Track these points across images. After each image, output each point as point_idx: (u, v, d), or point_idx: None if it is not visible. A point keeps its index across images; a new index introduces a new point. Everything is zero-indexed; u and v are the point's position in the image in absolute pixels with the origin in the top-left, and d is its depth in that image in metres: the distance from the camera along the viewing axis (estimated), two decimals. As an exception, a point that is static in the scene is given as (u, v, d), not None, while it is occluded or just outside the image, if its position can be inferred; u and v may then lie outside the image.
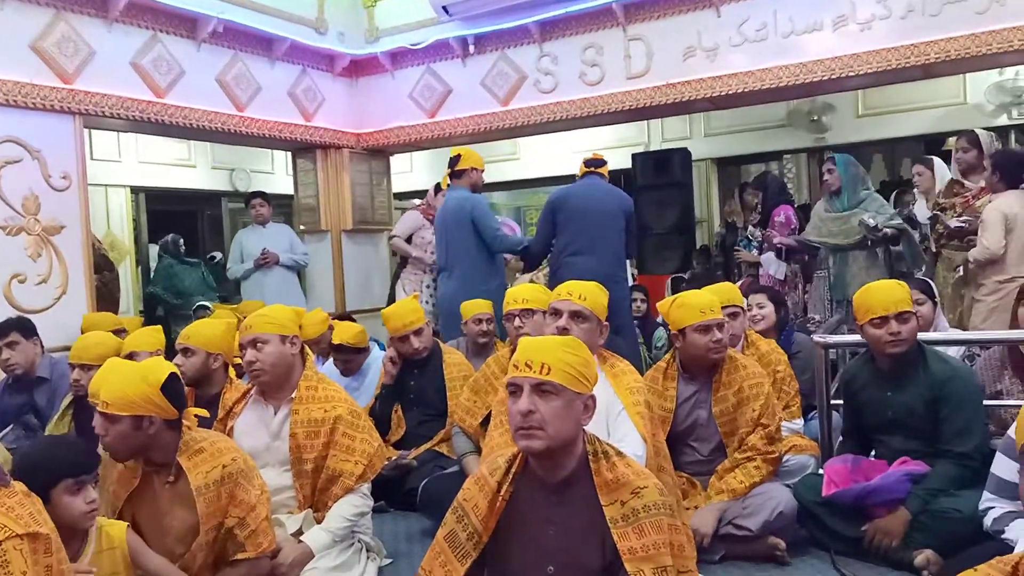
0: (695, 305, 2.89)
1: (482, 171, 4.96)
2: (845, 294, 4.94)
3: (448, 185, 4.98)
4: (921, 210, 5.32)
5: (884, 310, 2.75)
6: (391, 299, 6.06)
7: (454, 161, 4.88)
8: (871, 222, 4.75)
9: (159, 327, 3.81)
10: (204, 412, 2.49)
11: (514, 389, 1.77)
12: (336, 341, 4.09)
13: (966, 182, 4.68)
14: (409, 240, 5.83)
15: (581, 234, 4.40)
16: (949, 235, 4.59)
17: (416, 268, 5.84)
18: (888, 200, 6.91)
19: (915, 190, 5.46)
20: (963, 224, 4.49)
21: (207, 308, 6.04)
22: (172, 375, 2.24)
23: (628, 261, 4.78)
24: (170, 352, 3.21)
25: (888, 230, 4.84)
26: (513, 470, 1.83)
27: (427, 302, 5.62)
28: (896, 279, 3.34)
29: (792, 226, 5.55)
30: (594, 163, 4.72)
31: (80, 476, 1.98)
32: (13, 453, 2.98)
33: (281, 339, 2.68)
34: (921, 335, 2.95)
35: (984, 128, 5.09)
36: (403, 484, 3.46)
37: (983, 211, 4.41)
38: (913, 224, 5.31)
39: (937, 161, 5.22)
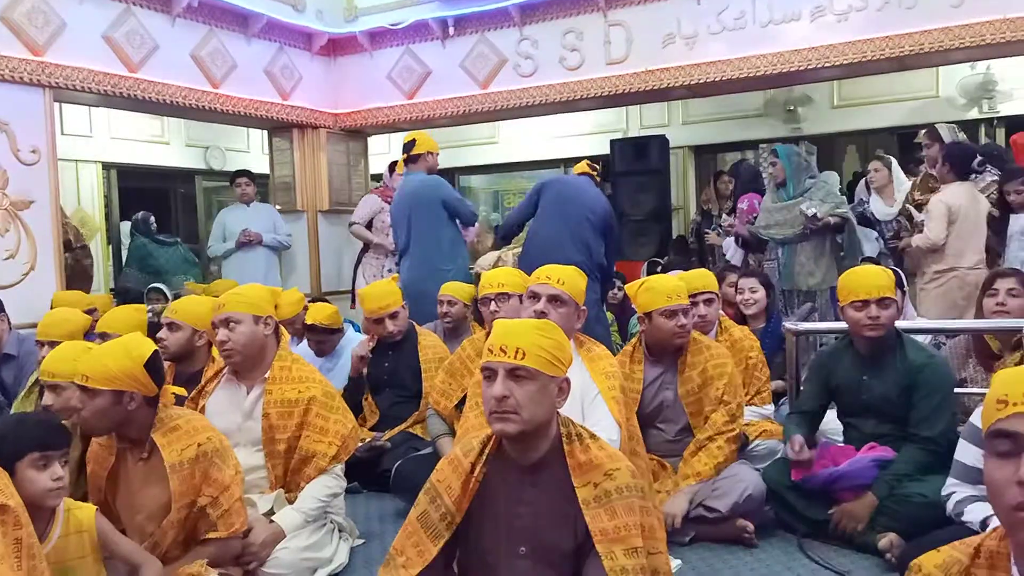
0: (662, 290, 2.93)
1: (437, 155, 4.94)
2: (793, 284, 5.00)
3: (404, 171, 4.95)
4: (877, 206, 5.39)
5: (866, 294, 2.78)
6: (353, 284, 6.03)
7: (409, 146, 4.85)
8: (809, 211, 4.78)
9: (142, 306, 3.76)
10: (181, 391, 2.48)
11: (489, 373, 1.77)
12: (309, 321, 4.07)
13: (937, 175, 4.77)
14: (369, 225, 5.80)
15: (560, 219, 4.38)
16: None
17: (377, 253, 5.80)
18: (851, 190, 7.04)
19: (871, 186, 5.51)
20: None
21: (160, 290, 5.95)
22: (156, 352, 2.24)
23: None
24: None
25: (831, 219, 4.84)
26: (487, 452, 1.84)
27: None
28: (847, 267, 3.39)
29: (755, 214, 5.59)
30: (594, 168, 4.81)
31: (46, 451, 1.94)
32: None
33: (255, 319, 2.66)
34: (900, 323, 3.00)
35: (955, 121, 5.18)
36: (377, 465, 3.47)
37: (929, 202, 4.53)
38: (868, 222, 5.38)
39: (894, 162, 5.33)
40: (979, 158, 4.84)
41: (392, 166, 5.78)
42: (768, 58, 5.01)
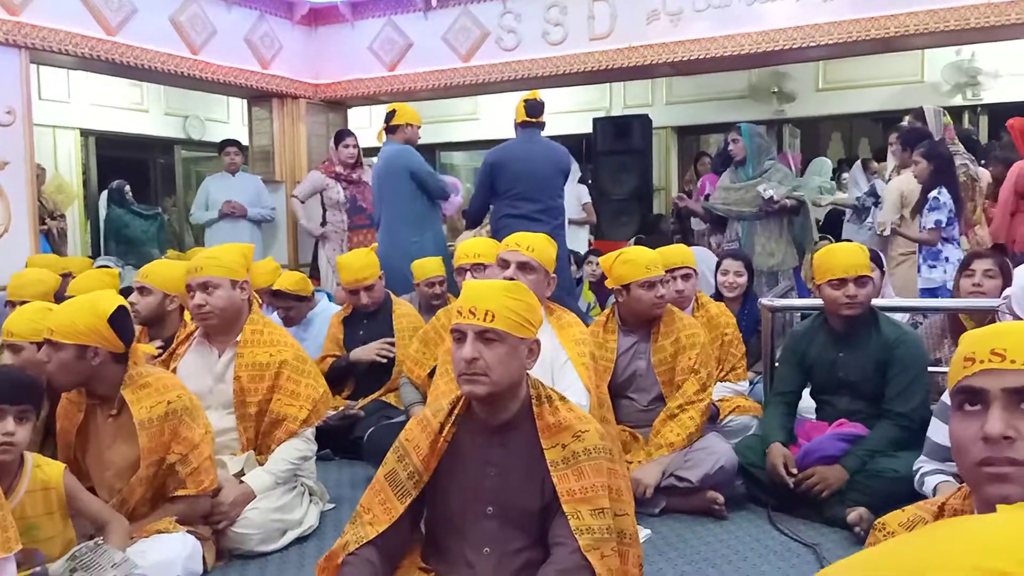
0: (640, 262, 2.93)
1: (418, 127, 4.89)
2: (754, 265, 5.01)
3: (384, 140, 4.91)
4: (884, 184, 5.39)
5: (844, 272, 2.78)
6: (314, 260, 5.98)
7: (389, 116, 4.81)
8: (767, 193, 4.78)
9: (115, 271, 3.71)
10: (152, 349, 2.45)
11: (458, 336, 1.76)
12: (276, 287, 4.03)
13: None
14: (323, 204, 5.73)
15: (521, 197, 4.29)
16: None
17: (329, 236, 5.72)
18: (839, 176, 7.07)
19: (891, 161, 5.46)
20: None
21: (108, 267, 5.88)
22: (121, 308, 2.22)
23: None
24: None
25: (788, 201, 4.85)
26: (456, 412, 1.83)
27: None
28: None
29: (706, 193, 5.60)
30: (533, 110, 4.41)
31: (0, 404, 1.93)
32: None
33: (232, 283, 2.64)
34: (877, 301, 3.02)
35: (940, 107, 5.19)
36: (349, 433, 3.47)
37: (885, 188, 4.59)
38: (876, 197, 5.39)
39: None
40: (937, 131, 4.84)
41: (337, 137, 5.73)
42: (753, 37, 5.00)
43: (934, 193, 4.35)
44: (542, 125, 4.48)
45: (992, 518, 0.47)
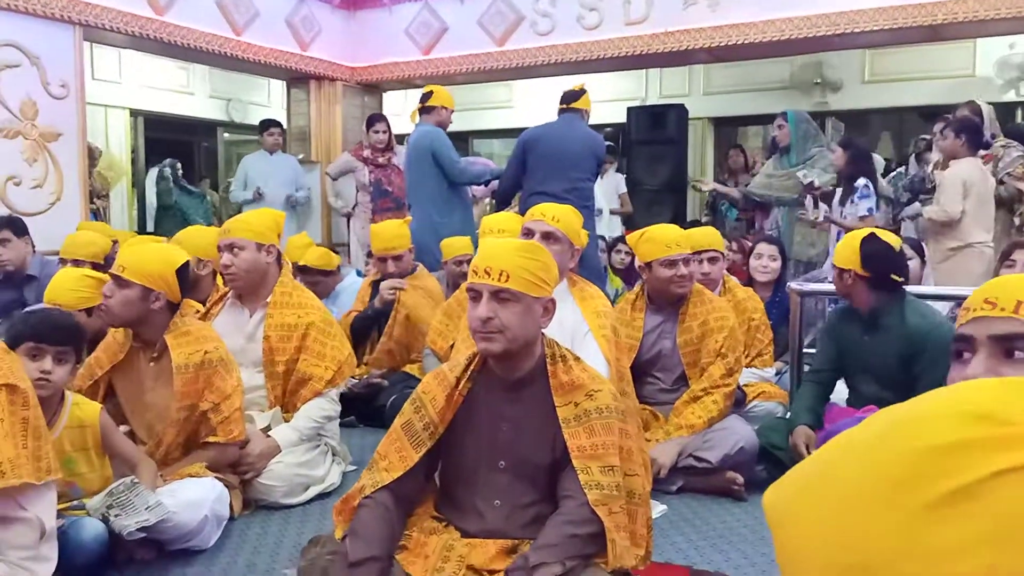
0: (661, 240, 2.94)
1: (451, 112, 4.92)
2: (792, 255, 4.97)
3: (417, 121, 4.97)
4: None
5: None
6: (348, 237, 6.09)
7: (426, 96, 4.84)
8: (806, 179, 4.74)
9: (161, 238, 3.84)
10: (200, 306, 2.54)
11: (474, 295, 1.80)
12: (301, 263, 4.13)
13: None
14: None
15: (552, 177, 4.32)
16: None
17: (358, 215, 5.83)
18: (891, 173, 6.91)
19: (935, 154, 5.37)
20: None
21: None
22: (187, 262, 2.40)
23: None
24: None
25: (829, 188, 4.80)
26: (472, 368, 1.87)
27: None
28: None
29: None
30: (571, 97, 4.49)
31: (40, 343, 2.02)
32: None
33: (257, 246, 2.72)
34: (908, 288, 2.97)
35: (990, 103, 5.05)
36: (372, 401, 3.55)
37: (943, 176, 4.47)
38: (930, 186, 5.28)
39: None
40: (990, 131, 4.75)
41: (368, 122, 5.83)
42: (795, 22, 4.92)
43: (863, 182, 4.41)
44: (583, 113, 4.52)
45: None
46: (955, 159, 4.49)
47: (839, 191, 4.65)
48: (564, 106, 4.49)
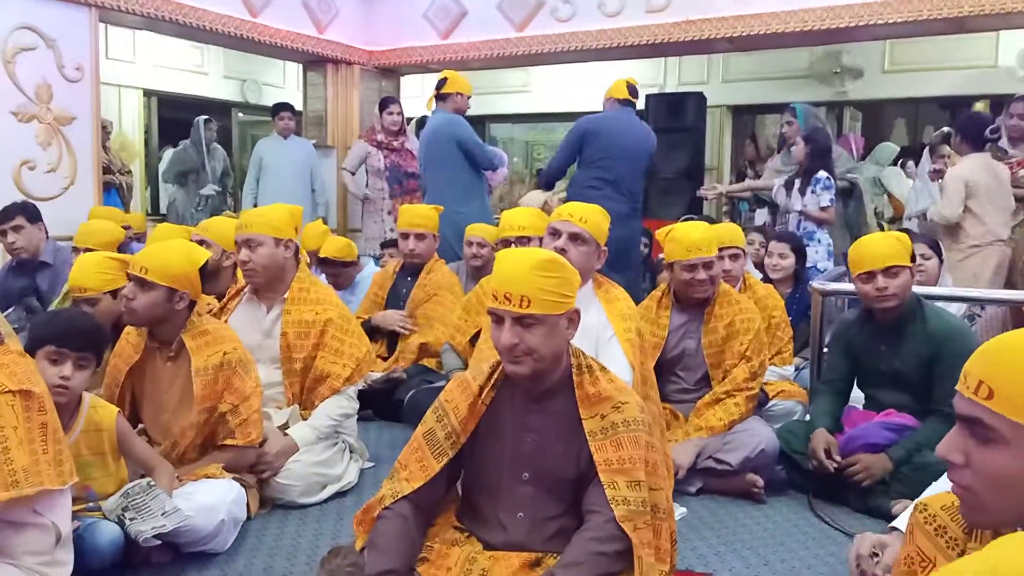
0: (683, 241, 2.89)
1: (468, 97, 4.88)
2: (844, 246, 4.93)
3: (432, 108, 4.91)
4: None
5: (871, 264, 2.67)
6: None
7: (441, 83, 4.80)
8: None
9: (188, 227, 3.82)
10: (215, 301, 2.51)
11: (496, 319, 1.76)
12: (323, 255, 4.11)
13: (1012, 150, 4.53)
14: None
15: (608, 171, 4.33)
16: None
17: (370, 207, 5.77)
18: (903, 164, 6.83)
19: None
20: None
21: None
22: (208, 260, 2.38)
23: None
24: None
25: (841, 183, 4.81)
26: (495, 377, 1.84)
27: (389, 230, 5.58)
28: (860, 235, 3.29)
29: None
30: (634, 91, 4.56)
31: (62, 348, 2.00)
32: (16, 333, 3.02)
33: (275, 241, 2.69)
34: (924, 290, 2.92)
35: (1012, 95, 4.95)
36: (390, 395, 3.53)
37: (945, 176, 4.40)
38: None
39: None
40: (993, 125, 4.66)
41: (381, 104, 5.76)
42: (817, 12, 4.84)
43: (824, 174, 4.53)
44: (635, 106, 4.58)
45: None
46: (960, 157, 4.45)
47: (798, 181, 4.73)
48: (627, 97, 4.50)
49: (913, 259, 2.75)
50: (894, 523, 1.84)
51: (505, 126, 9.58)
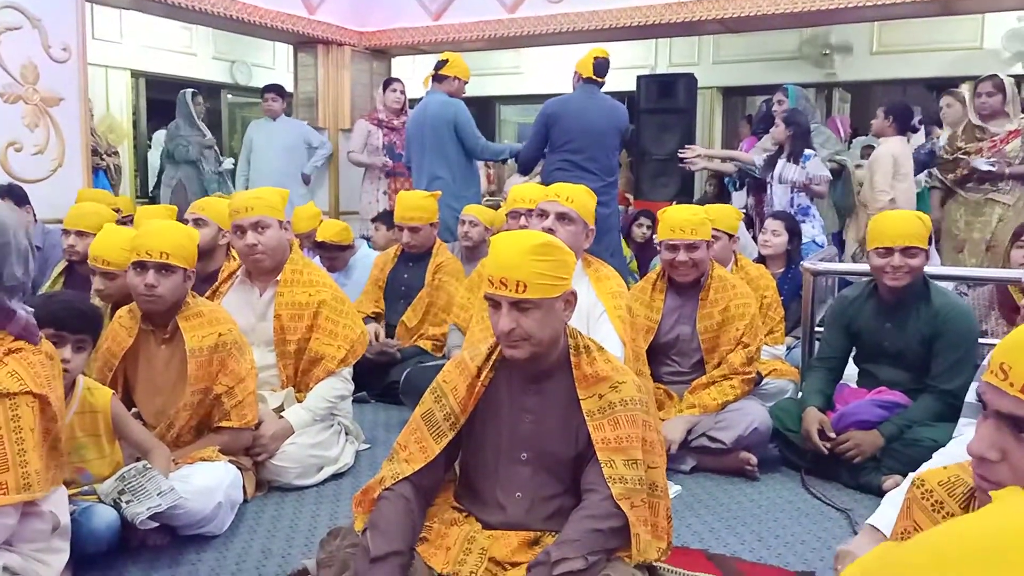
0: (668, 223, 2.90)
1: (466, 83, 4.84)
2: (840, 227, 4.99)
3: (429, 88, 4.88)
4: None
5: (891, 241, 2.67)
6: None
7: (441, 64, 4.76)
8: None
9: (173, 207, 3.79)
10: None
11: (493, 304, 1.76)
12: (319, 239, 4.10)
13: (989, 126, 4.56)
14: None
15: (575, 152, 4.27)
16: (979, 178, 4.50)
17: (371, 176, 5.76)
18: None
19: (944, 121, 5.32)
20: (992, 167, 4.42)
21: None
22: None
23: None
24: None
25: (830, 164, 4.82)
26: (493, 358, 1.84)
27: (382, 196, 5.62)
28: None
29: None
30: (601, 70, 4.39)
31: (60, 331, 1.99)
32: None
33: (279, 224, 2.69)
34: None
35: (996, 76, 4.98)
36: (385, 376, 3.53)
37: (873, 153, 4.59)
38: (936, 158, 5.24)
39: (967, 96, 5.12)
40: (918, 117, 4.81)
41: (385, 83, 5.75)
42: (808, -6, 4.84)
43: (811, 151, 4.61)
44: (602, 84, 4.46)
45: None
46: (883, 137, 4.63)
47: (781, 160, 4.74)
48: (591, 76, 4.39)
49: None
50: (871, 520, 1.86)
51: (497, 108, 9.54)
